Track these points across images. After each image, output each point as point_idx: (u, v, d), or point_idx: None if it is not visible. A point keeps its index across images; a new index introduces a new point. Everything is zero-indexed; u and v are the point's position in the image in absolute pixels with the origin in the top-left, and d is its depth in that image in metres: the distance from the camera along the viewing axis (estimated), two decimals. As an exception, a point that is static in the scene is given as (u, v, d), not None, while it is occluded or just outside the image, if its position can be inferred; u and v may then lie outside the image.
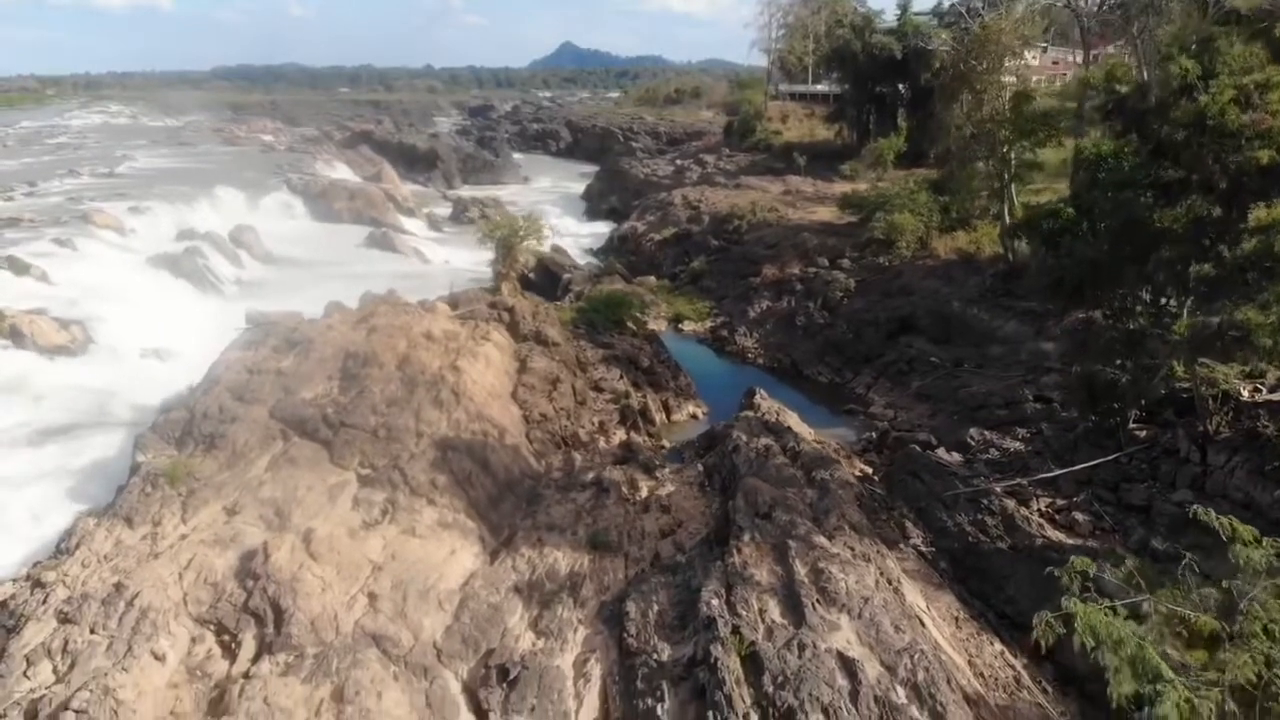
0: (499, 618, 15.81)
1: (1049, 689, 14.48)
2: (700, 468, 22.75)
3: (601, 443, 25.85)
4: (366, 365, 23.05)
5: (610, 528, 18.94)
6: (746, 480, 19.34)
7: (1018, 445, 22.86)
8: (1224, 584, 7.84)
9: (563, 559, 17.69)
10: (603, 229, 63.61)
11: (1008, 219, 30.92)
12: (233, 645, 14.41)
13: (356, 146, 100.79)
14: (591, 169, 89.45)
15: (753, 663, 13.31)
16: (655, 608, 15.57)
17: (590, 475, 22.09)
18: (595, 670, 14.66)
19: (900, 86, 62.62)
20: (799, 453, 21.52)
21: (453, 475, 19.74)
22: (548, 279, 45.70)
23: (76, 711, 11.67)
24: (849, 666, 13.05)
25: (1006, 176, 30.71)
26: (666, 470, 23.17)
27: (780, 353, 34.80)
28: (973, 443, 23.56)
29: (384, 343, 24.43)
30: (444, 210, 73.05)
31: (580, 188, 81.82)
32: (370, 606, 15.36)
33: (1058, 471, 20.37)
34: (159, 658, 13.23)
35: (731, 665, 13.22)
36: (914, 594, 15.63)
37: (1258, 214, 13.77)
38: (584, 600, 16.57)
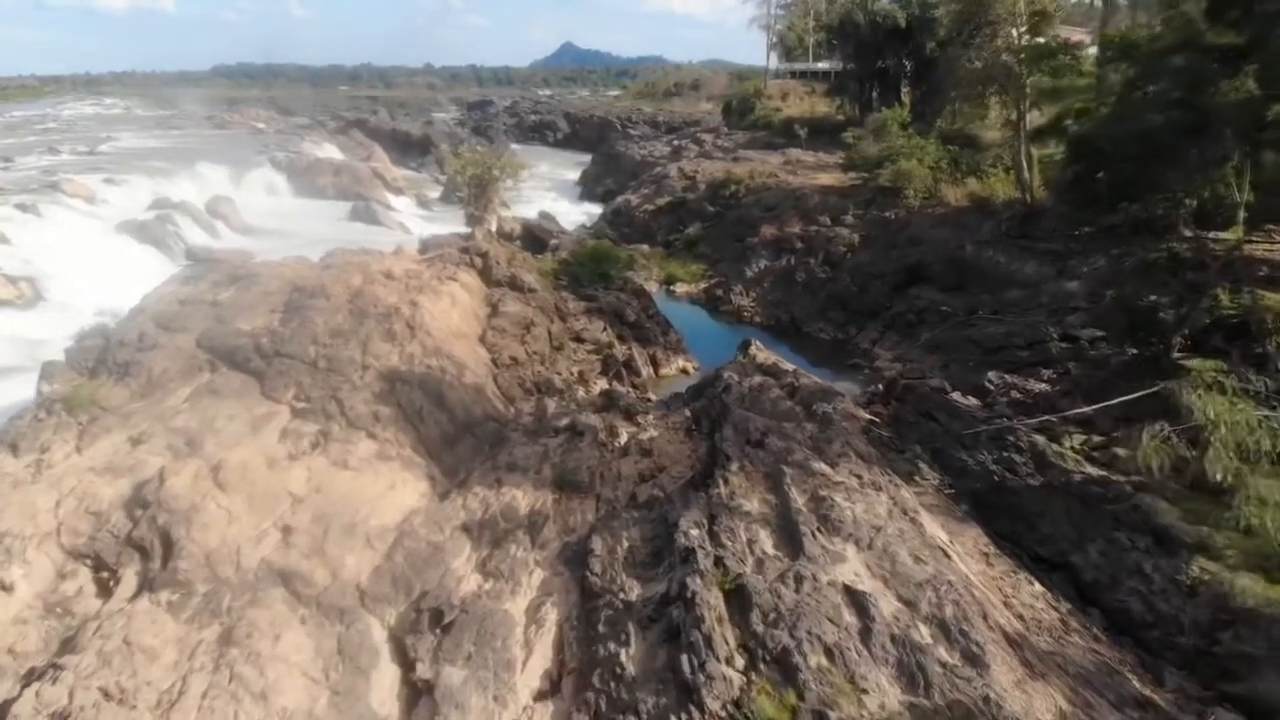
0: (440, 558, 13.30)
1: (1101, 637, 11.93)
2: (688, 413, 20.20)
3: (581, 392, 23.33)
4: (313, 297, 20.59)
5: (581, 468, 16.43)
6: (736, 412, 16.84)
7: (1043, 386, 20.28)
8: None
9: (523, 497, 15.17)
10: (598, 210, 61.10)
11: (1023, 157, 28.37)
12: (111, 583, 11.95)
13: (349, 132, 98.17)
14: (589, 158, 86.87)
15: (738, 598, 10.77)
16: (625, 544, 13.04)
17: (565, 421, 19.55)
18: (551, 615, 12.14)
19: (904, 59, 60.29)
20: (797, 388, 19.00)
21: (400, 409, 17.26)
22: (534, 246, 42.99)
23: None
24: (858, 601, 10.51)
25: (1024, 106, 28.10)
26: (650, 417, 20.63)
27: (779, 310, 32.29)
28: (991, 386, 20.96)
29: (337, 277, 22.00)
30: (434, 192, 70.72)
31: (577, 175, 79.36)
32: (283, 541, 12.85)
33: (1092, 408, 17.85)
34: (5, 588, 10.76)
35: (712, 600, 10.68)
36: (934, 527, 13.08)
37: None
38: (545, 541, 14.06)
